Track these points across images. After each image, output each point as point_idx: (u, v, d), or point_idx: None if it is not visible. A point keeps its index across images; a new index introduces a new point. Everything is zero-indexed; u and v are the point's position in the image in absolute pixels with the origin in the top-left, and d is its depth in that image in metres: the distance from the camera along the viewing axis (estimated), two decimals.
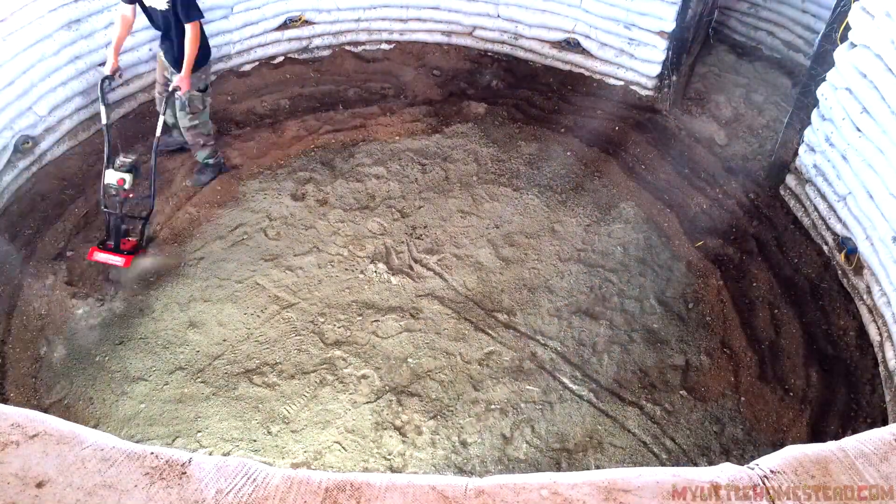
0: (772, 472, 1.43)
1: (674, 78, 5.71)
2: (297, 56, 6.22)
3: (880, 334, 4.03)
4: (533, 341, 4.09)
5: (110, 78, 4.31)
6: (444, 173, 5.13)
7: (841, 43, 4.28)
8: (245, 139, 5.32)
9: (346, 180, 5.03)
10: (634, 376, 3.95)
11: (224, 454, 3.54)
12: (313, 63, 6.23)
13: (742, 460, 3.13)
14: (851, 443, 1.50)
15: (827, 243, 4.62)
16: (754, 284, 4.48)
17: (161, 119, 4.36)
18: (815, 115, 4.62)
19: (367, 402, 3.77)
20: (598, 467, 3.56)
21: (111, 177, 3.97)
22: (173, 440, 3.60)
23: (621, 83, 5.97)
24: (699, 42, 6.01)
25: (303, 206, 4.82)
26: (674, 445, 3.67)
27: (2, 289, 4.16)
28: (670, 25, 5.35)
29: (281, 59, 6.18)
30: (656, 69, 5.69)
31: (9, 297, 4.14)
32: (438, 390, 3.85)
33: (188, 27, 4.18)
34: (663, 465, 3.55)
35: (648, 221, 4.84)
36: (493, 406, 3.79)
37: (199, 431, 3.65)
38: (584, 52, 5.95)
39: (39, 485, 1.27)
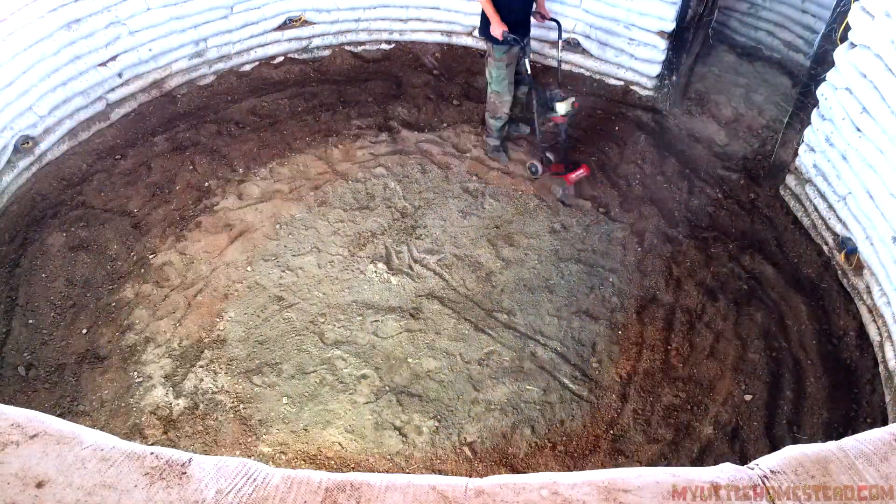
0: (772, 472, 1.43)
1: (674, 78, 5.70)
2: (297, 56, 6.21)
3: (880, 334, 4.03)
4: (533, 341, 4.09)
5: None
6: (444, 173, 5.13)
7: (841, 43, 4.28)
8: (245, 139, 5.32)
9: (345, 180, 5.03)
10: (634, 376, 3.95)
11: (224, 454, 3.54)
12: (313, 63, 6.23)
13: (744, 460, 3.13)
14: (851, 443, 1.50)
15: (827, 243, 4.62)
16: (754, 285, 4.48)
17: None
18: (815, 115, 4.62)
19: (367, 402, 3.77)
20: (598, 467, 3.56)
21: (567, 106, 4.62)
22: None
23: (621, 83, 5.97)
24: (699, 42, 6.00)
25: (303, 206, 4.82)
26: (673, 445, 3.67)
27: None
28: (670, 25, 5.35)
29: (281, 59, 6.17)
30: (656, 69, 5.69)
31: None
32: (438, 390, 3.85)
33: None
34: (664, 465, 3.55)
35: (648, 221, 4.84)
36: (493, 406, 3.78)
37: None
38: (584, 52, 5.95)
39: (39, 485, 1.27)
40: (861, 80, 4.06)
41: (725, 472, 1.43)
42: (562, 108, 4.57)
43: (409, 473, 2.99)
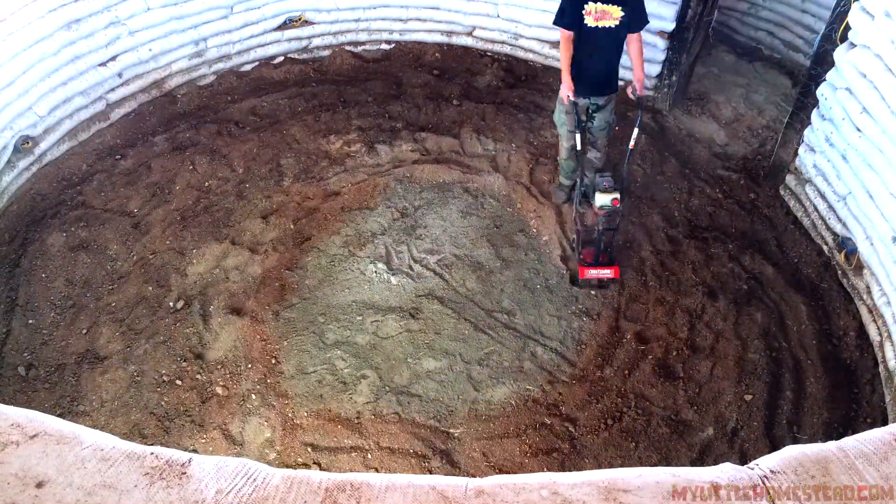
0: (772, 472, 1.43)
1: (674, 78, 5.70)
2: (297, 56, 6.22)
3: (880, 334, 4.03)
4: (533, 341, 4.09)
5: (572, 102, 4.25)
6: (445, 173, 5.12)
7: (841, 43, 4.28)
8: (245, 139, 5.32)
9: (346, 180, 5.03)
10: (635, 377, 3.95)
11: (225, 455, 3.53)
12: (313, 63, 6.23)
13: (744, 460, 3.13)
14: (851, 443, 1.50)
15: (827, 243, 4.62)
16: (754, 285, 4.48)
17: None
18: (815, 115, 4.62)
19: (367, 402, 3.77)
20: (597, 468, 3.56)
21: (604, 199, 4.12)
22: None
23: (621, 83, 5.95)
24: (699, 42, 6.00)
25: (303, 206, 4.82)
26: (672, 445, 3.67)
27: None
28: (670, 25, 5.35)
29: (281, 59, 6.18)
30: (656, 69, 5.69)
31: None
32: (438, 390, 3.84)
33: (638, 35, 4.15)
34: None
35: (649, 221, 4.84)
36: (492, 406, 3.78)
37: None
38: None
39: (39, 485, 1.27)
40: (861, 80, 4.06)
41: (725, 472, 1.43)
42: (598, 199, 4.15)
43: (409, 473, 2.99)
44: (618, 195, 4.13)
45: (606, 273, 4.30)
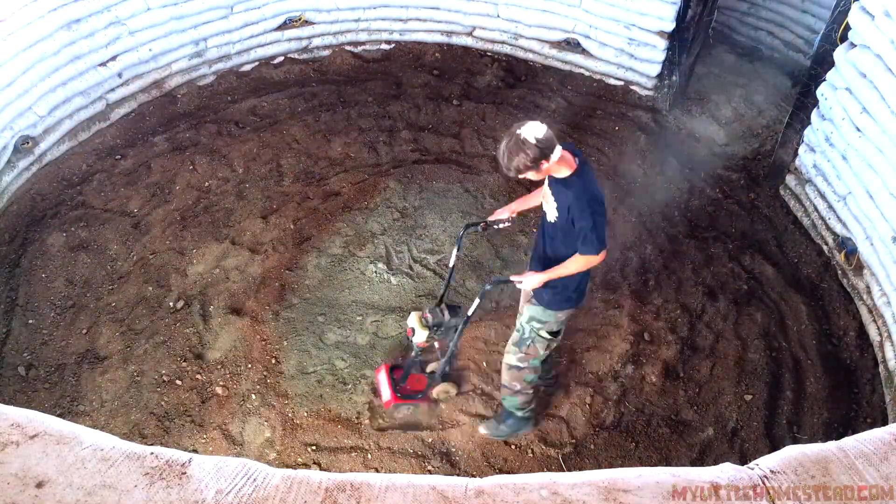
0: (772, 472, 1.43)
1: (674, 78, 5.70)
2: (297, 56, 6.21)
3: (880, 334, 4.03)
4: None
5: (475, 226, 3.52)
6: (445, 173, 5.12)
7: (841, 43, 4.29)
8: (245, 139, 5.32)
9: (346, 181, 5.02)
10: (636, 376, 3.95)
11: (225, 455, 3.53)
12: (313, 63, 6.22)
13: (744, 460, 3.14)
14: (851, 443, 1.50)
15: (827, 243, 4.62)
16: (754, 285, 4.48)
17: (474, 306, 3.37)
18: (815, 115, 4.62)
19: (367, 402, 3.77)
20: (599, 467, 3.56)
21: (410, 320, 3.44)
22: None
23: (621, 83, 5.97)
24: (699, 42, 6.00)
25: (303, 207, 4.81)
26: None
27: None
28: (670, 25, 5.35)
29: (281, 59, 6.18)
30: (656, 69, 5.69)
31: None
32: None
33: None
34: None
35: (649, 221, 4.84)
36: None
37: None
38: (584, 52, 5.95)
39: (39, 485, 1.27)
40: (861, 80, 4.06)
41: (725, 472, 1.43)
42: (411, 317, 3.50)
43: (409, 473, 2.99)
44: (420, 336, 3.41)
45: (385, 396, 3.61)
